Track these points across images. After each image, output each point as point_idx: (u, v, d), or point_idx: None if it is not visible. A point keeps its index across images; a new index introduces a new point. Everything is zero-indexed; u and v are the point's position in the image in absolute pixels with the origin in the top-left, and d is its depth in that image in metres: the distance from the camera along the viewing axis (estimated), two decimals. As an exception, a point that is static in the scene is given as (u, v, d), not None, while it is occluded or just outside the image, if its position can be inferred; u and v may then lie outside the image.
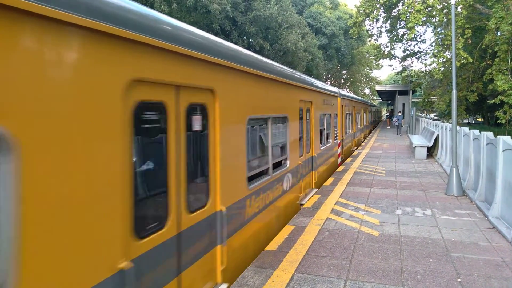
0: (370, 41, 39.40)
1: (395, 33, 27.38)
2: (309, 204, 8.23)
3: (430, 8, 20.27)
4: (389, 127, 42.40)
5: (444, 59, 21.26)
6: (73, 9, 2.25)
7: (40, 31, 2.10)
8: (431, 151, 17.23)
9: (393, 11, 25.55)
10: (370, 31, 29.66)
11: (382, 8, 24.98)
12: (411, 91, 38.25)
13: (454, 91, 9.71)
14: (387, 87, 55.26)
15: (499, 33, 18.49)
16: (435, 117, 46.42)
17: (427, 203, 8.38)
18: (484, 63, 21.37)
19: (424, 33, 74.51)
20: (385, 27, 27.94)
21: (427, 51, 27.50)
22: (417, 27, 21.51)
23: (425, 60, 30.39)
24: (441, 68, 22.28)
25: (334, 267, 4.97)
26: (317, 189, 9.64)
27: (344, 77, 58.14)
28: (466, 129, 10.90)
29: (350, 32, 28.01)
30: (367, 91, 69.29)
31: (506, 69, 17.68)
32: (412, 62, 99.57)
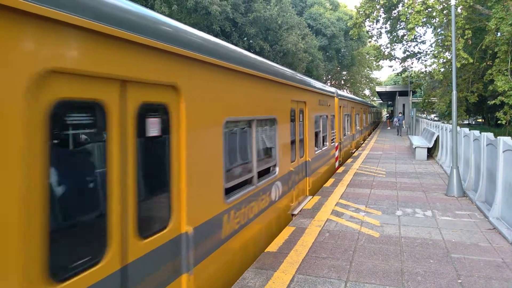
0: (370, 42, 39.44)
1: (395, 34, 27.43)
2: (309, 206, 8.22)
3: (430, 9, 20.29)
4: (389, 128, 42.46)
5: (444, 60, 21.26)
6: None
7: None
8: (431, 152, 17.23)
9: (393, 12, 25.62)
10: (370, 32, 29.74)
11: (382, 9, 25.05)
12: (411, 92, 38.22)
13: (454, 92, 9.72)
14: (387, 88, 55.22)
15: (499, 33, 18.50)
16: (436, 118, 46.43)
17: (427, 204, 8.38)
18: (484, 63, 21.37)
19: (424, 34, 74.76)
20: (385, 28, 28.03)
21: (427, 52, 27.52)
22: (417, 28, 21.54)
23: (425, 61, 30.56)
24: (441, 69, 22.28)
25: (335, 268, 4.97)
26: (312, 196, 9.08)
27: (344, 78, 58.28)
28: (466, 130, 10.90)
29: (350, 33, 28.05)
30: (367, 92, 69.33)
31: (506, 70, 17.69)
32: (412, 63, 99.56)
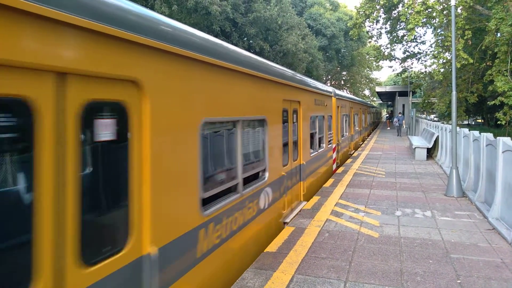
0: (370, 42, 39.44)
1: (395, 34, 27.48)
2: (309, 206, 8.22)
3: (430, 10, 20.31)
4: (389, 128, 42.48)
5: (444, 60, 21.29)
6: None
7: None
8: (431, 152, 17.24)
9: (393, 12, 25.65)
10: (370, 32, 29.82)
11: (382, 10, 25.09)
12: (411, 92, 38.25)
13: (454, 92, 9.73)
14: (387, 88, 55.29)
15: (499, 34, 18.52)
16: (435, 118, 46.45)
17: (427, 205, 8.39)
18: (484, 64, 21.40)
19: (424, 34, 74.66)
20: (385, 28, 28.10)
21: (427, 52, 27.59)
22: (417, 28, 21.58)
23: (425, 61, 30.54)
24: (441, 69, 22.32)
25: (334, 269, 4.97)
26: (306, 201, 8.59)
27: (344, 78, 58.28)
28: (466, 130, 10.91)
29: (350, 33, 28.10)
30: (367, 92, 69.34)
31: (506, 70, 17.72)
32: (412, 64, 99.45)
